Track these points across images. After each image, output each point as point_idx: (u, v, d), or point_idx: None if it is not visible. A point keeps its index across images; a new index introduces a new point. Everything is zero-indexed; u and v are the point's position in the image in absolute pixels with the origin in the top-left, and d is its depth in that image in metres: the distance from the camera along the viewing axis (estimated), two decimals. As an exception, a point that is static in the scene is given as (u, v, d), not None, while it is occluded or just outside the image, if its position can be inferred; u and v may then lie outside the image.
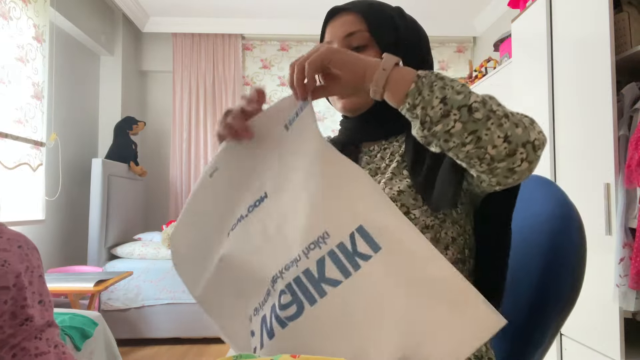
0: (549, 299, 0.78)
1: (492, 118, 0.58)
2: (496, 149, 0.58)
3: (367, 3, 0.83)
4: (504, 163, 0.59)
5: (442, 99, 0.58)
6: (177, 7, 3.86)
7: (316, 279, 0.56)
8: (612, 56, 1.65)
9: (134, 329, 3.01)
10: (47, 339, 0.92)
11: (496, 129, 0.58)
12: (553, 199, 0.83)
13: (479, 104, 0.58)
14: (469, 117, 0.58)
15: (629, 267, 1.54)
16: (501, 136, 0.58)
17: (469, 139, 0.58)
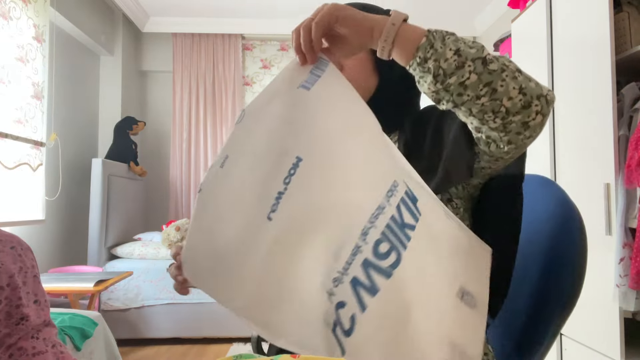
0: (550, 299, 0.78)
1: (506, 70, 0.58)
2: (511, 101, 0.58)
3: (359, 5, 0.83)
4: (518, 116, 0.59)
5: (456, 51, 0.58)
6: (177, 7, 3.86)
7: (399, 224, 0.57)
8: (612, 56, 1.65)
9: (134, 329, 3.01)
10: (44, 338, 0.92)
11: (511, 81, 0.58)
12: (554, 199, 0.83)
13: (492, 57, 0.59)
14: (483, 68, 0.58)
15: (629, 267, 1.54)
16: (516, 88, 0.58)
17: (483, 90, 0.58)
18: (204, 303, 3.05)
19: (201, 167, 4.08)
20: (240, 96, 4.16)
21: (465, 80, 0.58)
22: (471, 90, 0.58)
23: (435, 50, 0.59)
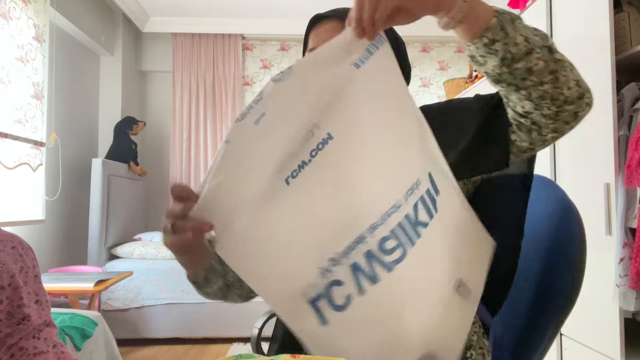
0: (549, 299, 0.78)
1: (566, 62, 0.60)
2: (570, 91, 0.60)
3: (348, 10, 0.84)
4: (572, 106, 0.62)
5: (525, 38, 0.58)
6: (177, 7, 3.86)
7: (413, 222, 0.59)
8: (612, 56, 1.65)
9: (134, 329, 3.01)
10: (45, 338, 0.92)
11: (570, 72, 0.60)
12: (553, 199, 0.83)
13: (556, 48, 0.60)
14: (550, 56, 0.59)
15: (629, 267, 1.54)
16: (574, 79, 0.61)
17: (547, 78, 0.59)
18: (204, 303, 3.04)
19: (201, 167, 4.08)
20: (240, 96, 4.16)
21: (533, 66, 0.58)
22: (536, 76, 0.59)
23: (506, 33, 0.58)
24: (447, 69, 4.32)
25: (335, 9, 0.84)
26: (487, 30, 0.58)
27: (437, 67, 4.32)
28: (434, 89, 4.30)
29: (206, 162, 4.10)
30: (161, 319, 3.03)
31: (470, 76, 3.34)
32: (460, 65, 4.32)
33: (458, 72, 4.30)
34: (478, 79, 3.12)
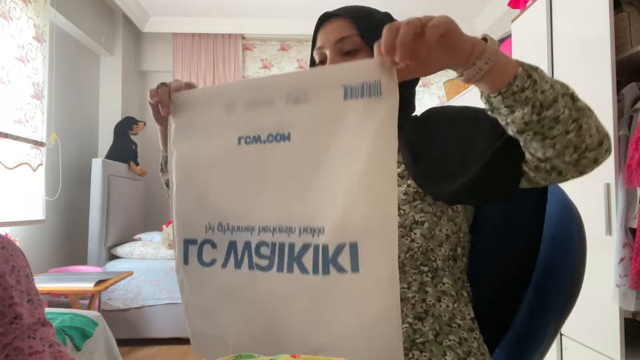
0: (549, 299, 0.78)
1: (587, 108, 0.61)
2: (591, 138, 0.60)
3: (358, 8, 0.84)
4: (593, 152, 0.61)
5: (551, 85, 0.58)
6: (177, 7, 3.85)
7: (294, 256, 0.61)
8: (612, 56, 1.65)
9: (134, 329, 3.01)
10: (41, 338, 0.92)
11: (590, 119, 0.60)
12: (553, 199, 0.83)
13: (576, 96, 0.60)
14: (573, 104, 0.59)
15: (629, 267, 1.54)
16: (594, 126, 0.60)
17: (572, 126, 0.59)
18: (204, 303, 3.04)
19: (201, 167, 4.08)
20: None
21: (560, 114, 0.58)
22: (562, 124, 0.58)
23: (533, 81, 0.57)
24: (447, 69, 4.31)
25: (344, 7, 0.84)
26: (515, 78, 0.57)
27: (437, 67, 4.32)
28: (434, 89, 4.30)
29: (206, 162, 4.09)
30: (161, 319, 3.03)
31: (470, 76, 3.34)
32: (460, 65, 4.32)
33: (458, 72, 4.29)
34: (478, 79, 3.12)
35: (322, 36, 0.83)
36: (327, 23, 0.83)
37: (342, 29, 0.81)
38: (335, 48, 0.81)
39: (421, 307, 0.72)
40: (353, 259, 0.58)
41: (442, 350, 0.69)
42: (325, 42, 0.82)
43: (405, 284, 0.73)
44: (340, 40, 0.80)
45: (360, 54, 0.80)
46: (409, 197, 0.73)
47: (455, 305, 0.74)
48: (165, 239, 3.28)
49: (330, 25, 0.82)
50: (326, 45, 0.82)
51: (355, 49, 0.80)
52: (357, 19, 0.80)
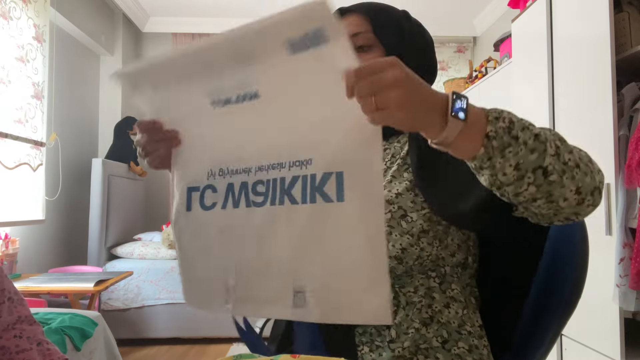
0: (551, 301, 0.77)
1: (567, 172, 0.56)
2: (567, 202, 0.57)
3: (373, 5, 0.84)
4: (571, 209, 0.59)
5: (516, 165, 0.54)
6: (177, 7, 3.85)
7: (285, 189, 0.64)
8: (612, 56, 1.65)
9: (134, 329, 3.01)
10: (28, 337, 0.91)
11: (569, 183, 0.56)
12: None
13: (553, 162, 0.55)
14: (544, 180, 0.55)
15: (629, 267, 1.54)
16: (573, 189, 0.57)
17: (539, 196, 0.57)
18: (204, 303, 3.05)
19: (201, 167, 4.08)
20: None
21: (523, 191, 0.56)
22: (526, 196, 0.57)
23: (492, 164, 0.54)
24: (447, 69, 4.32)
25: (358, 3, 0.84)
26: (474, 159, 0.55)
27: (437, 67, 4.32)
28: (434, 88, 4.30)
29: (206, 162, 4.09)
30: (161, 319, 3.03)
31: (470, 76, 3.34)
32: (460, 65, 4.32)
33: (458, 72, 4.30)
34: (478, 79, 3.12)
35: None
36: (342, 18, 0.83)
37: (356, 24, 0.81)
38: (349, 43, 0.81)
39: (427, 313, 0.71)
40: (339, 188, 0.59)
41: (450, 357, 0.68)
42: None
43: (412, 288, 0.72)
44: (354, 36, 0.80)
45: (374, 49, 0.80)
46: (416, 205, 0.72)
47: (464, 312, 0.73)
48: (165, 239, 3.28)
49: (346, 19, 0.83)
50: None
51: (369, 45, 0.80)
52: (371, 16, 0.81)
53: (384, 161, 0.82)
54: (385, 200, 0.73)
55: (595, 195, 0.59)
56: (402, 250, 0.72)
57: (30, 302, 2.06)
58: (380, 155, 0.59)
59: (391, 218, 0.73)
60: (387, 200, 0.74)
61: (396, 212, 0.73)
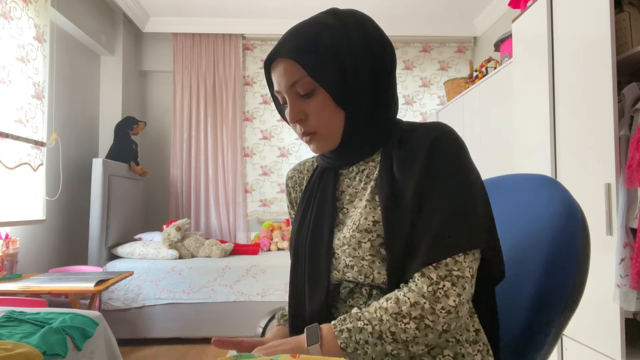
0: (552, 300, 0.77)
1: (409, 344, 0.68)
2: (424, 351, 0.69)
3: (301, 40, 0.76)
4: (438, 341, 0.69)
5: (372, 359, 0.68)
6: (177, 7, 3.86)
7: None
8: (612, 56, 1.65)
9: (134, 329, 3.01)
10: None
11: (416, 347, 0.68)
12: (556, 198, 0.83)
13: (393, 346, 0.68)
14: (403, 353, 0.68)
15: (629, 267, 1.54)
16: (422, 348, 0.69)
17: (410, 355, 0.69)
18: (204, 303, 3.05)
19: (201, 167, 4.08)
20: (241, 96, 4.17)
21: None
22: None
23: (356, 357, 0.68)
24: (448, 69, 4.32)
25: (284, 42, 0.77)
26: (346, 356, 0.68)
27: (438, 67, 4.32)
28: (434, 89, 4.30)
29: (206, 162, 4.09)
30: (161, 319, 3.03)
31: (471, 76, 3.34)
32: (460, 65, 4.32)
33: (458, 72, 4.30)
34: (478, 79, 3.12)
35: (275, 79, 0.80)
36: (275, 64, 0.79)
37: (290, 72, 0.76)
38: (291, 92, 0.78)
39: None
40: None
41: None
42: (279, 86, 0.79)
43: None
44: (293, 85, 0.77)
45: (317, 93, 0.76)
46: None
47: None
48: (166, 238, 3.28)
49: (279, 67, 0.78)
50: (282, 90, 0.79)
51: (311, 90, 0.76)
52: (301, 59, 0.75)
53: (361, 182, 0.82)
54: (364, 229, 0.74)
55: (444, 334, 0.68)
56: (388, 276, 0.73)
57: (30, 302, 2.06)
58: None
59: (371, 247, 0.73)
60: (365, 229, 0.74)
61: (375, 241, 0.73)
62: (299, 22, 0.80)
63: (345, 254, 0.76)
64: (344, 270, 0.76)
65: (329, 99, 0.77)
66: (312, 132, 0.79)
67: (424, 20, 4.09)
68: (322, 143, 0.81)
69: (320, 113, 0.77)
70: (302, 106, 0.78)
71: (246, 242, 4.03)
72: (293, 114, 0.78)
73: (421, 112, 4.28)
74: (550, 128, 2.05)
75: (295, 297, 0.83)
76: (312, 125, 0.79)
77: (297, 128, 0.81)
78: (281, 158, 4.25)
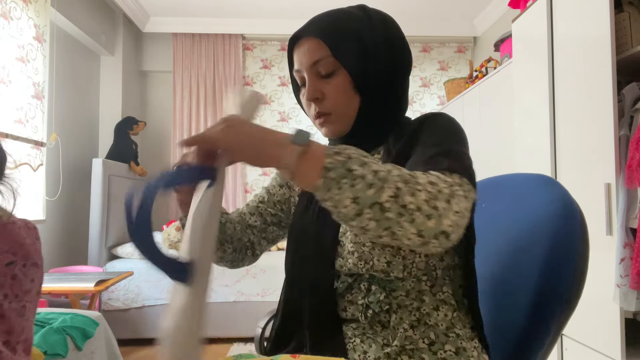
0: (550, 301, 0.77)
1: (405, 215, 0.57)
2: (411, 241, 0.59)
3: (328, 22, 0.79)
4: (420, 248, 0.61)
5: (354, 198, 0.56)
6: (177, 7, 3.86)
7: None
8: (612, 56, 1.65)
9: (134, 329, 3.01)
10: None
11: (409, 225, 0.58)
12: (556, 198, 0.83)
13: (391, 201, 0.57)
14: (381, 215, 0.57)
15: (629, 267, 1.54)
16: (414, 232, 0.58)
17: (384, 233, 0.58)
18: (204, 303, 3.04)
19: (201, 167, 4.08)
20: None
21: (365, 226, 0.58)
22: (372, 232, 0.59)
23: (331, 196, 0.57)
24: (448, 69, 4.32)
25: (313, 22, 0.80)
26: (316, 189, 0.57)
27: (438, 67, 4.32)
28: (434, 89, 4.30)
29: (206, 162, 4.09)
30: (162, 319, 3.03)
31: (471, 76, 3.34)
32: (460, 65, 4.32)
33: (458, 72, 4.30)
34: (478, 79, 3.12)
35: (297, 57, 0.81)
36: (299, 43, 0.80)
37: (314, 50, 0.78)
38: (312, 72, 0.79)
39: (415, 315, 0.72)
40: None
41: (436, 359, 0.69)
42: (300, 65, 0.80)
43: (404, 292, 0.73)
44: (315, 64, 0.78)
45: (337, 74, 0.78)
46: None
47: (454, 314, 0.74)
48: (166, 239, 3.28)
49: (303, 46, 0.79)
50: (302, 69, 0.80)
51: (332, 71, 0.78)
52: (327, 38, 0.77)
53: None
54: None
55: (442, 239, 0.59)
56: (388, 264, 0.73)
57: (30, 302, 2.06)
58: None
59: None
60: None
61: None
62: (326, 10, 0.83)
63: (348, 240, 0.76)
64: (347, 257, 0.76)
65: (349, 82, 0.78)
66: (327, 113, 0.80)
67: (424, 20, 4.09)
68: (335, 126, 0.81)
69: (339, 94, 0.79)
70: (321, 86, 0.79)
71: (246, 242, 4.03)
72: (311, 92, 0.79)
73: (421, 112, 4.29)
74: (550, 128, 2.05)
75: (294, 282, 0.83)
76: (327, 106, 0.80)
77: (311, 109, 0.82)
78: (281, 158, 4.25)
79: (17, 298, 0.80)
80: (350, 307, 0.76)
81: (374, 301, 0.73)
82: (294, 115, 4.26)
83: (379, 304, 0.73)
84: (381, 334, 0.72)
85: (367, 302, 0.74)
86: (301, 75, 0.81)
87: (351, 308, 0.76)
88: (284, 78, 4.26)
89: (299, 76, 0.82)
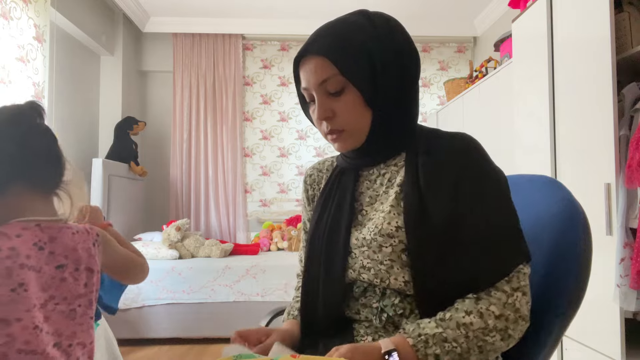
0: (553, 302, 0.77)
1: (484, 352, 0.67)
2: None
3: (333, 38, 0.77)
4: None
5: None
6: (177, 7, 3.86)
7: None
8: (612, 56, 1.65)
9: (134, 329, 3.01)
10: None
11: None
12: (558, 199, 0.83)
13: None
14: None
15: (629, 267, 1.54)
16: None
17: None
18: (204, 303, 3.04)
19: (201, 167, 4.08)
20: (241, 96, 4.17)
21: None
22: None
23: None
24: (448, 69, 4.32)
25: (317, 39, 0.78)
26: None
27: (438, 67, 4.32)
28: (434, 89, 4.30)
29: (206, 162, 4.09)
30: (161, 319, 3.03)
31: (471, 76, 3.34)
32: (460, 65, 4.32)
33: (458, 72, 4.30)
34: (478, 79, 3.12)
35: (303, 76, 0.80)
36: (305, 60, 0.79)
37: (321, 69, 0.76)
38: (320, 90, 0.78)
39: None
40: None
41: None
42: (308, 83, 0.79)
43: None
44: (323, 83, 0.77)
45: (347, 92, 0.77)
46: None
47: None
48: (166, 239, 3.28)
49: (309, 64, 0.78)
50: (310, 87, 0.79)
51: (341, 89, 0.77)
52: (334, 56, 0.75)
53: (382, 186, 0.82)
54: (386, 234, 0.74)
55: (521, 335, 0.70)
56: (405, 283, 0.73)
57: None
58: None
59: (392, 252, 0.73)
60: (388, 233, 0.74)
61: (397, 246, 0.73)
62: (329, 21, 0.80)
63: (364, 255, 0.76)
64: (360, 270, 0.76)
65: (359, 98, 0.77)
66: (339, 130, 0.79)
67: (424, 20, 4.09)
68: (348, 141, 0.81)
69: (350, 111, 0.78)
70: (331, 104, 0.78)
71: (246, 242, 4.03)
72: (321, 112, 0.78)
73: (421, 112, 4.28)
74: (550, 128, 2.05)
75: (308, 294, 0.84)
76: (339, 123, 0.79)
77: (323, 126, 0.81)
78: (281, 158, 4.25)
79: (65, 301, 0.79)
80: (363, 310, 0.76)
81: (388, 304, 0.73)
82: (294, 115, 4.26)
83: (393, 308, 0.73)
84: (393, 335, 0.72)
85: (382, 305, 0.74)
86: (309, 92, 0.80)
87: (365, 311, 0.76)
88: (284, 78, 4.26)
89: (307, 93, 0.81)
